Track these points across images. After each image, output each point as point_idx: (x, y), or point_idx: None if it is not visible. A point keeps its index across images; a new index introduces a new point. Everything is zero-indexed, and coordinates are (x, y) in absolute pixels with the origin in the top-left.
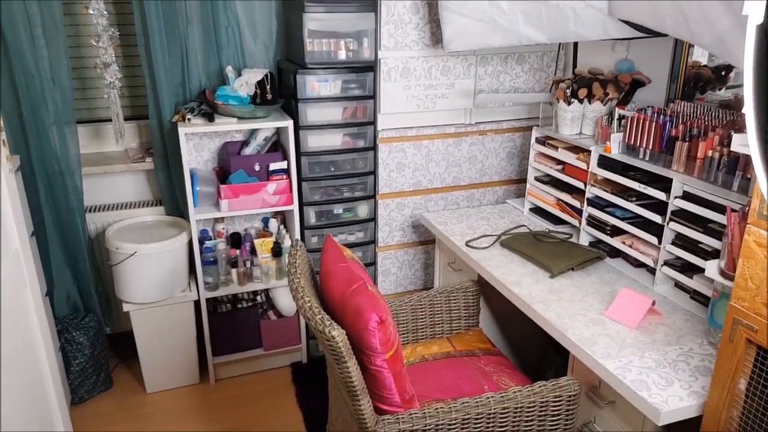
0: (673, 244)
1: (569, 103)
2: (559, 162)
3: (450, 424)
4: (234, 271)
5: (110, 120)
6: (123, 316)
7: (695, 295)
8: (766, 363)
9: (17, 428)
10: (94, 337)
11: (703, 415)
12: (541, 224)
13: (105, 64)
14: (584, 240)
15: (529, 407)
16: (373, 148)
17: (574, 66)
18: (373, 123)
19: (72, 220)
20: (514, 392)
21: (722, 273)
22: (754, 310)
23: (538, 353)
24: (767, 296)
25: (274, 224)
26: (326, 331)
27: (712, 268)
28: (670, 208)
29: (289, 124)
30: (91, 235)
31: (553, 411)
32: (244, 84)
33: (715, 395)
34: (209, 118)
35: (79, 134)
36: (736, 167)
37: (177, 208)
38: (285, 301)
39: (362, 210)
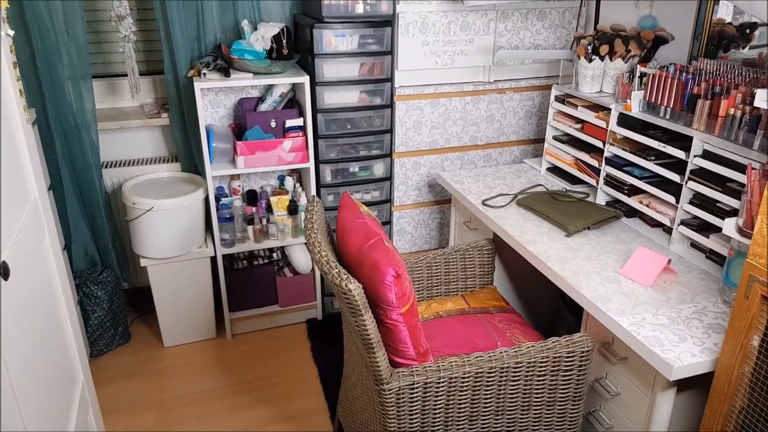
0: (690, 203)
1: (590, 60)
2: (578, 121)
3: (463, 378)
4: (250, 228)
5: (126, 74)
6: (140, 271)
7: (711, 255)
8: None
9: (38, 374)
10: (111, 292)
11: (714, 371)
12: (558, 184)
13: (120, 17)
14: (601, 199)
15: (542, 362)
16: (390, 105)
17: (596, 22)
18: (391, 80)
19: (88, 175)
20: (528, 347)
21: (740, 231)
22: None
23: (551, 311)
24: None
25: (290, 182)
26: (343, 284)
27: (729, 226)
28: (689, 167)
29: (305, 80)
30: (108, 191)
31: (566, 366)
32: (260, 38)
33: (728, 351)
34: (225, 73)
35: (95, 89)
36: (758, 126)
37: (193, 165)
38: (301, 259)
39: (378, 169)
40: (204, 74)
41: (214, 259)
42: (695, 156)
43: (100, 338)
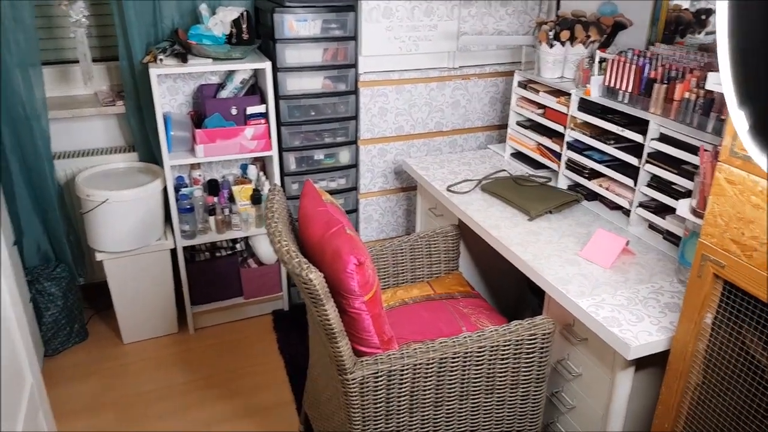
0: (648, 186)
1: (551, 46)
2: (540, 106)
3: (428, 364)
4: (212, 218)
5: (78, 61)
6: (97, 266)
7: (668, 236)
8: (732, 298)
9: None
10: (66, 288)
11: (670, 349)
12: (521, 169)
13: (70, 0)
14: (563, 183)
15: (504, 346)
16: (355, 91)
17: (558, 8)
18: (355, 66)
19: (40, 167)
20: (491, 331)
21: (693, 211)
22: (722, 246)
23: (516, 295)
24: (735, 232)
25: (253, 171)
26: (303, 273)
27: (683, 206)
28: (646, 150)
29: (267, 65)
30: (61, 183)
31: (528, 349)
32: (219, 23)
33: (683, 329)
34: (182, 58)
35: (46, 76)
36: (711, 109)
37: (151, 155)
38: (265, 249)
39: (344, 156)
40: (160, 60)
41: (174, 252)
42: (652, 139)
43: (55, 336)
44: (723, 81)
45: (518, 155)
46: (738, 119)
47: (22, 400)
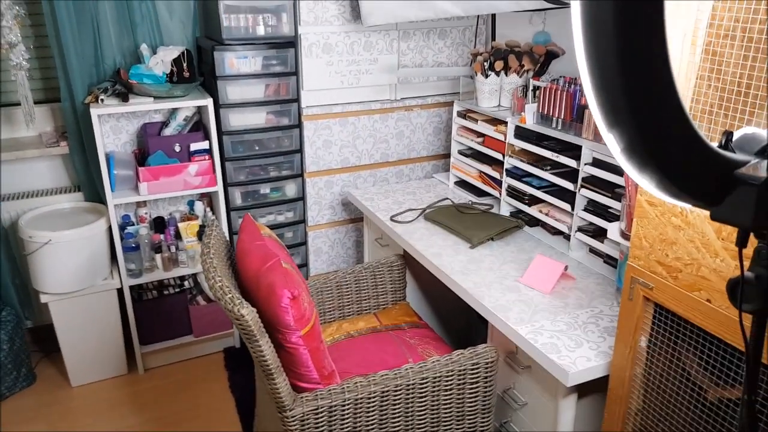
0: (585, 210)
1: (486, 76)
2: (479, 135)
3: (369, 398)
4: (158, 256)
5: (19, 103)
6: (44, 308)
7: (608, 260)
8: (663, 320)
9: None
10: (12, 332)
11: (609, 374)
12: (465, 197)
13: (10, 44)
14: (505, 210)
15: (447, 376)
16: (299, 125)
17: (493, 39)
18: (297, 100)
19: None
20: (433, 362)
21: (623, 234)
22: (649, 269)
23: (466, 324)
24: (660, 254)
25: (200, 207)
26: (235, 309)
27: (614, 230)
28: (580, 175)
29: (208, 102)
30: (5, 225)
31: (472, 378)
32: (160, 62)
33: (619, 354)
34: (123, 98)
35: None
36: None
37: (96, 194)
38: None
39: (290, 189)
40: (101, 100)
41: (121, 291)
42: (585, 164)
43: (1, 381)
44: (590, 105)
45: (462, 183)
46: (610, 142)
47: None
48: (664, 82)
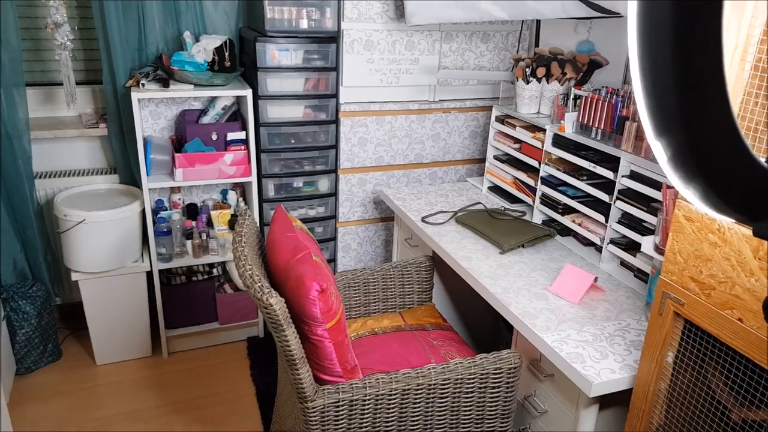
0: (619, 222)
1: (528, 82)
2: (516, 141)
3: (390, 395)
4: (189, 242)
5: (62, 83)
6: (74, 286)
7: (639, 274)
8: (692, 336)
9: None
10: (41, 307)
11: (633, 388)
12: (498, 202)
13: (56, 23)
14: (537, 218)
15: (469, 379)
16: (335, 121)
17: (537, 46)
18: (336, 96)
19: (20, 185)
20: (455, 363)
21: (656, 248)
22: (682, 284)
23: (491, 329)
24: (694, 270)
25: (233, 196)
26: (264, 298)
27: (648, 243)
28: (617, 187)
29: (247, 93)
30: (41, 202)
31: (494, 383)
32: (202, 50)
33: (645, 368)
34: (164, 84)
35: (30, 97)
36: None
37: (131, 177)
38: None
39: (323, 184)
40: (142, 84)
41: (150, 274)
42: (623, 176)
43: (28, 355)
44: (639, 112)
45: (495, 189)
46: (657, 150)
47: None
48: (718, 92)
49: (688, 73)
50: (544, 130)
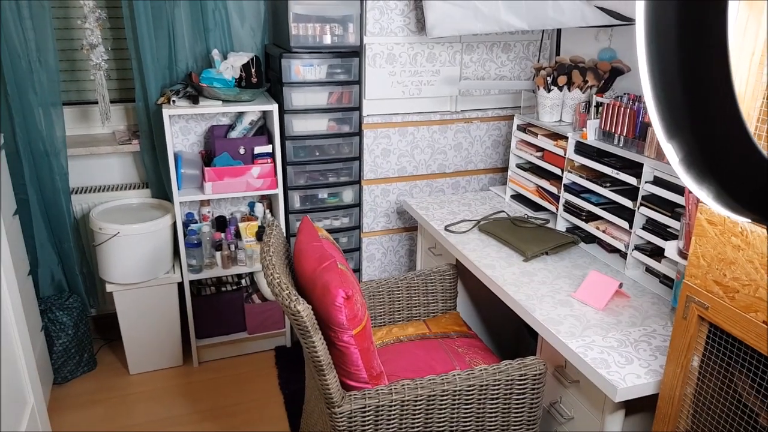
0: (643, 228)
1: (549, 90)
2: (538, 149)
3: (416, 401)
4: (218, 254)
5: (97, 102)
6: (108, 297)
7: (664, 279)
8: (717, 340)
9: None
10: (77, 318)
11: (659, 393)
12: (521, 210)
13: (91, 45)
14: (561, 226)
15: (494, 385)
16: (359, 133)
17: (557, 54)
18: (359, 108)
19: (57, 200)
20: (480, 370)
21: (680, 253)
22: (706, 288)
23: (515, 336)
24: (717, 274)
25: (260, 208)
26: (292, 305)
27: (671, 248)
28: (640, 193)
29: (274, 107)
30: (77, 216)
31: (519, 390)
32: (230, 67)
33: (670, 372)
34: (194, 100)
35: (66, 116)
36: None
37: (163, 191)
38: None
39: (347, 195)
40: (173, 101)
41: (181, 286)
42: (646, 182)
43: (65, 365)
44: (650, 115)
45: (518, 197)
46: (668, 152)
47: (22, 420)
48: (725, 93)
49: (694, 75)
50: (567, 138)
